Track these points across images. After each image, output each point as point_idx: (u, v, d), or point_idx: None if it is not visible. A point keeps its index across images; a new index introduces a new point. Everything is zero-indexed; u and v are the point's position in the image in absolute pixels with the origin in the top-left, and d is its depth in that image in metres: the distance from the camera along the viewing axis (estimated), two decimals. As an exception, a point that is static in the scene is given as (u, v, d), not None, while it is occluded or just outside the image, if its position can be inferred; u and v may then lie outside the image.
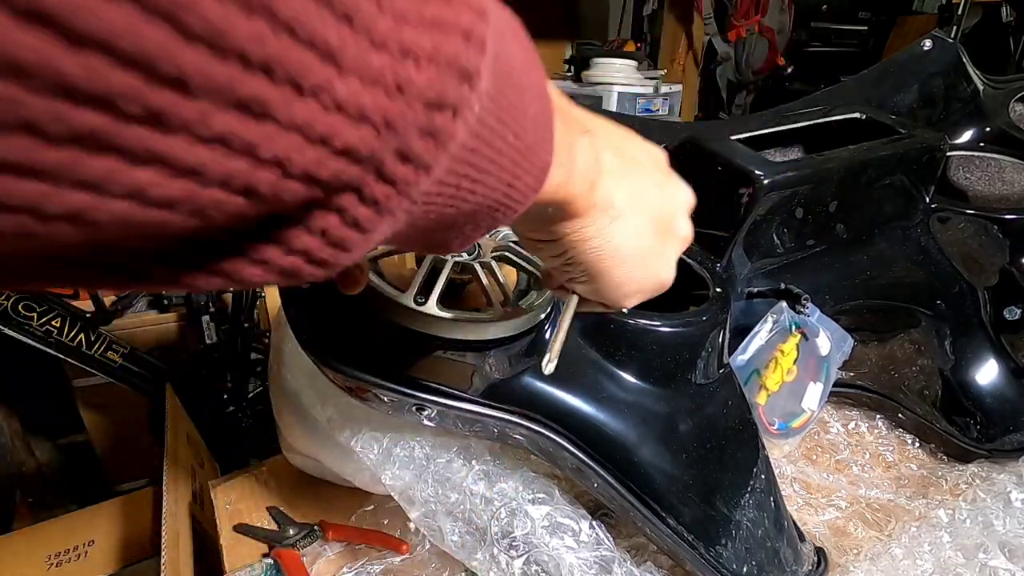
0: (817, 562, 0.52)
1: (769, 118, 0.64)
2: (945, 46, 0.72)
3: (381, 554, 0.53)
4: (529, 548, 0.45)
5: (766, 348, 0.55)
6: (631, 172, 0.25)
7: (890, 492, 0.62)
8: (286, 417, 0.54)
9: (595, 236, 0.24)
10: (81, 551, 0.88)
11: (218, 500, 0.59)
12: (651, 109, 2.12)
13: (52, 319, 1.00)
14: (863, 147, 0.58)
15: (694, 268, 0.52)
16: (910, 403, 0.67)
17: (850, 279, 0.63)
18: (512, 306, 0.35)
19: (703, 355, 0.46)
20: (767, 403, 0.56)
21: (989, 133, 0.74)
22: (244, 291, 1.14)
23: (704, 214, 0.55)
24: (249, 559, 0.53)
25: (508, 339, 0.36)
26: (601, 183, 0.23)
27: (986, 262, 0.65)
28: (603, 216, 0.23)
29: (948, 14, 2.12)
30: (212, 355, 1.22)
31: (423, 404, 0.36)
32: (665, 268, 0.28)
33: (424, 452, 0.47)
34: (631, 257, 0.25)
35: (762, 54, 2.70)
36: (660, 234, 0.27)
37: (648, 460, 0.43)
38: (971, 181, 0.73)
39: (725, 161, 0.54)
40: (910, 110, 0.72)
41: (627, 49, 2.31)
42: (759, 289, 0.58)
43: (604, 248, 0.24)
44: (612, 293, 0.27)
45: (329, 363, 0.34)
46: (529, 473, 0.49)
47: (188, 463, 0.79)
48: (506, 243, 0.39)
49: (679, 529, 0.44)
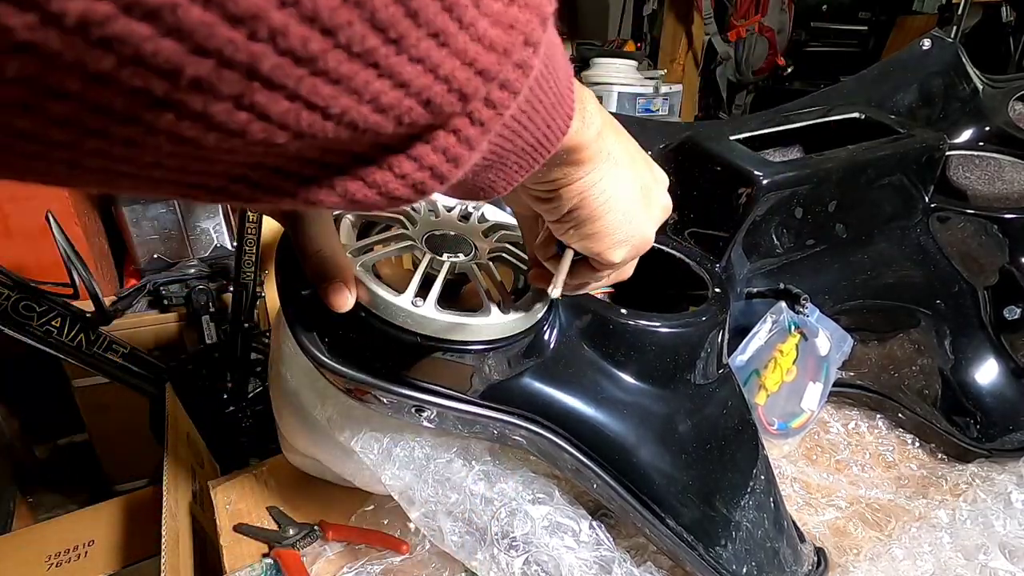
0: (817, 562, 0.52)
1: (768, 118, 0.64)
2: (944, 46, 0.72)
3: (381, 554, 0.53)
4: (529, 548, 0.45)
5: (765, 348, 0.55)
6: (622, 132, 0.29)
7: (890, 492, 0.62)
8: (286, 417, 0.54)
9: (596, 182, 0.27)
10: (81, 551, 0.88)
11: (218, 500, 0.59)
12: (651, 109, 2.12)
13: (52, 319, 1.00)
14: (862, 147, 0.58)
15: (693, 268, 0.52)
16: (910, 403, 0.67)
17: (849, 279, 0.63)
18: (509, 307, 0.35)
19: (702, 355, 0.46)
20: (766, 403, 0.56)
21: (988, 132, 0.74)
22: (244, 291, 1.14)
23: (703, 214, 0.56)
24: (249, 559, 0.53)
25: (506, 340, 0.36)
26: (604, 134, 0.26)
27: (986, 261, 0.65)
28: (604, 163, 0.27)
29: (948, 14, 2.12)
30: (212, 355, 1.22)
31: (422, 405, 0.36)
32: (649, 226, 0.31)
33: (424, 452, 0.47)
34: (623, 206, 0.28)
35: (762, 54, 2.70)
36: (646, 194, 0.30)
37: (647, 461, 0.43)
38: (971, 180, 0.73)
39: (724, 161, 0.54)
40: (909, 110, 0.72)
41: (627, 49, 2.31)
42: (758, 289, 0.58)
43: (601, 195, 0.27)
44: (604, 241, 0.29)
45: (327, 365, 0.34)
46: (529, 473, 0.49)
47: (188, 463, 0.79)
48: (502, 244, 0.39)
49: (678, 530, 0.44)
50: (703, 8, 2.54)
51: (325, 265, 0.32)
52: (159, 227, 1.35)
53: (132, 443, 1.33)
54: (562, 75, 0.21)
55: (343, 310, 0.32)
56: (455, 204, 0.42)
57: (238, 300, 1.14)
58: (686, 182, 0.56)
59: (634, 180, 0.29)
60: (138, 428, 1.27)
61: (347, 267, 0.33)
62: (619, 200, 0.28)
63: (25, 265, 1.19)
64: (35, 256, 1.23)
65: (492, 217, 0.43)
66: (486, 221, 0.42)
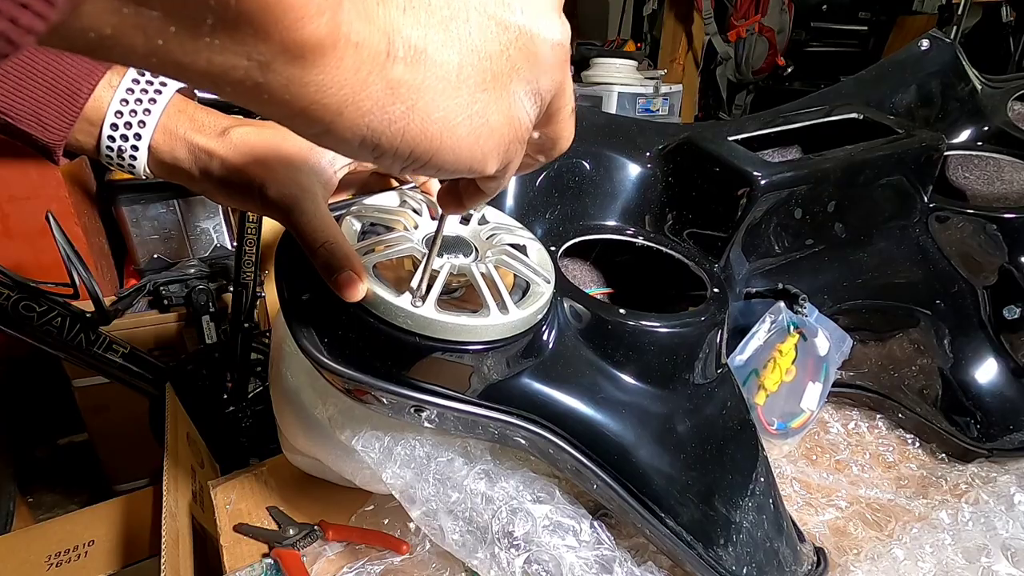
0: (817, 562, 0.52)
1: (767, 119, 0.64)
2: (943, 46, 0.72)
3: (381, 554, 0.53)
4: (530, 547, 0.45)
5: (764, 348, 0.55)
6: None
7: (890, 492, 0.62)
8: (286, 416, 0.54)
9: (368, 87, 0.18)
10: (81, 551, 0.88)
11: (218, 500, 0.60)
12: (651, 109, 2.12)
13: (52, 319, 1.00)
14: (861, 147, 0.59)
15: (692, 268, 0.52)
16: (910, 403, 0.67)
17: (849, 279, 0.63)
18: (509, 308, 0.36)
19: (701, 356, 0.46)
20: (766, 403, 0.56)
21: (987, 132, 0.74)
22: (244, 291, 1.14)
23: (702, 214, 0.56)
24: (249, 559, 0.54)
25: (506, 340, 0.36)
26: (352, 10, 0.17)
27: (985, 261, 0.65)
28: (375, 58, 0.18)
29: (948, 14, 2.12)
30: (212, 355, 1.22)
31: (422, 405, 0.36)
32: (520, 105, 0.22)
33: (425, 451, 0.48)
34: (444, 106, 0.20)
35: (762, 54, 2.70)
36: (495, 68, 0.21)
37: (647, 461, 0.43)
38: (970, 180, 0.73)
39: (723, 162, 0.54)
40: (908, 110, 0.72)
41: (627, 49, 2.31)
42: (757, 289, 0.58)
43: (393, 106, 0.19)
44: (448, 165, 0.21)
45: (327, 365, 0.34)
46: (530, 473, 0.49)
47: (188, 463, 0.79)
48: (503, 246, 0.39)
49: (678, 530, 0.44)
50: (703, 8, 2.55)
51: (334, 256, 0.32)
52: (159, 227, 1.35)
53: (132, 443, 1.33)
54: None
55: (356, 299, 0.32)
56: None
57: (238, 300, 1.14)
58: (685, 183, 0.56)
59: (459, 60, 0.20)
60: (138, 428, 1.27)
61: (355, 256, 0.33)
62: (434, 102, 0.19)
63: (25, 265, 1.20)
64: (35, 256, 1.23)
65: (493, 219, 0.43)
66: (487, 223, 0.42)
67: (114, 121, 0.36)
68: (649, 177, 0.57)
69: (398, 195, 0.41)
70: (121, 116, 0.36)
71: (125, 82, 0.36)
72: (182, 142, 0.36)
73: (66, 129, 0.35)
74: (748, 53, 2.68)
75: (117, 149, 0.36)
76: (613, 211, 0.56)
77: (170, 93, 0.37)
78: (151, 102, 0.36)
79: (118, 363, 1.09)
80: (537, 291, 0.38)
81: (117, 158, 0.37)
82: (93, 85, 0.35)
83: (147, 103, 0.36)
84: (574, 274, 0.59)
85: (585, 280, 0.60)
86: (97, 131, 0.36)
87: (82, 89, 0.35)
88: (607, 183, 0.56)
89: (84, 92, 0.35)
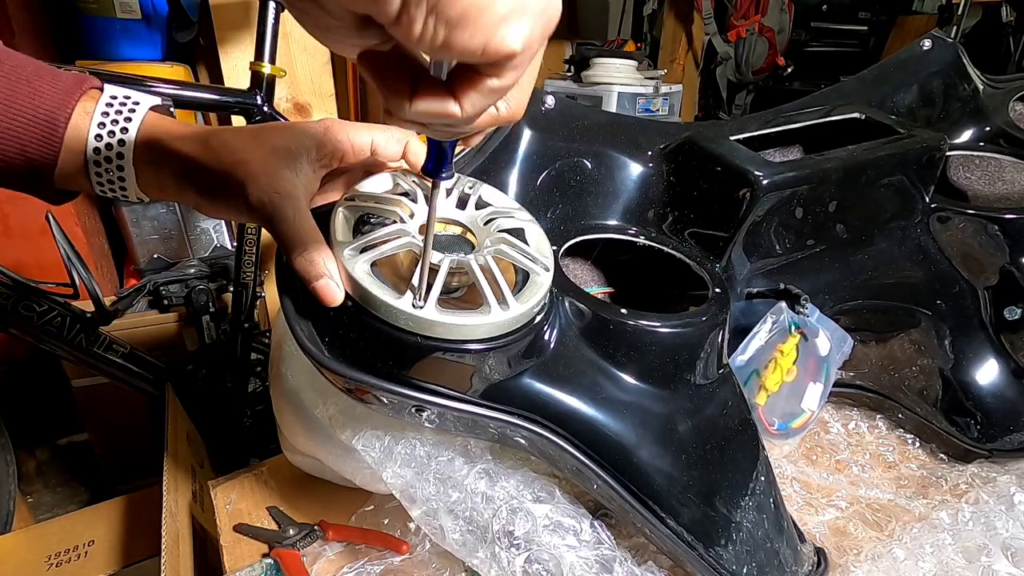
0: (817, 562, 0.52)
1: (768, 118, 0.64)
2: (944, 46, 0.72)
3: (381, 554, 0.53)
4: (530, 547, 0.45)
5: (765, 348, 0.55)
6: None
7: (890, 492, 0.62)
8: (287, 416, 0.54)
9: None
10: (81, 551, 0.88)
11: (218, 500, 0.59)
12: (651, 109, 2.12)
13: (52, 319, 1.00)
14: (862, 147, 0.58)
15: (693, 268, 0.52)
16: (910, 403, 0.67)
17: (850, 279, 0.63)
18: (509, 302, 0.35)
19: (702, 356, 0.46)
20: (767, 403, 0.56)
21: (989, 132, 0.74)
22: (244, 291, 1.14)
23: (703, 214, 0.56)
24: (249, 559, 0.54)
25: (507, 337, 0.36)
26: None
27: (986, 262, 0.65)
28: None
29: (948, 14, 2.12)
30: (212, 355, 1.22)
31: (422, 405, 0.36)
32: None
33: (425, 450, 0.48)
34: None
35: (762, 54, 2.70)
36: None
37: (647, 461, 0.43)
38: (971, 181, 0.73)
39: (724, 162, 0.54)
40: (909, 110, 0.72)
41: (627, 49, 2.31)
42: (758, 289, 0.58)
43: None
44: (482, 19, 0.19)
45: (327, 365, 0.34)
46: (530, 472, 0.49)
47: (188, 463, 0.79)
48: (501, 235, 0.39)
49: (679, 530, 0.44)
50: (703, 8, 2.55)
51: (313, 263, 0.33)
52: (159, 227, 1.35)
53: (132, 443, 1.33)
54: None
55: (334, 305, 0.33)
56: (452, 187, 0.41)
57: (238, 300, 1.14)
58: (686, 182, 0.56)
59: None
60: (138, 428, 1.27)
61: (332, 263, 0.34)
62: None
63: (25, 265, 1.19)
64: (35, 256, 1.23)
65: (489, 199, 0.42)
66: (485, 206, 0.41)
67: (96, 145, 0.36)
68: (650, 176, 0.57)
69: (391, 177, 0.41)
70: (101, 139, 0.36)
71: (99, 106, 0.36)
72: (164, 154, 0.36)
73: (51, 158, 0.35)
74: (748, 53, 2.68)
75: (105, 173, 0.36)
76: (614, 210, 0.56)
77: (144, 109, 0.37)
78: (127, 120, 0.36)
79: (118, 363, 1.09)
80: (536, 280, 0.38)
81: (108, 184, 0.37)
82: (69, 112, 0.35)
83: (123, 122, 0.36)
84: (575, 273, 0.59)
85: (586, 279, 0.60)
86: (82, 159, 0.36)
87: (59, 117, 0.35)
88: (608, 182, 0.56)
89: (62, 120, 0.35)
